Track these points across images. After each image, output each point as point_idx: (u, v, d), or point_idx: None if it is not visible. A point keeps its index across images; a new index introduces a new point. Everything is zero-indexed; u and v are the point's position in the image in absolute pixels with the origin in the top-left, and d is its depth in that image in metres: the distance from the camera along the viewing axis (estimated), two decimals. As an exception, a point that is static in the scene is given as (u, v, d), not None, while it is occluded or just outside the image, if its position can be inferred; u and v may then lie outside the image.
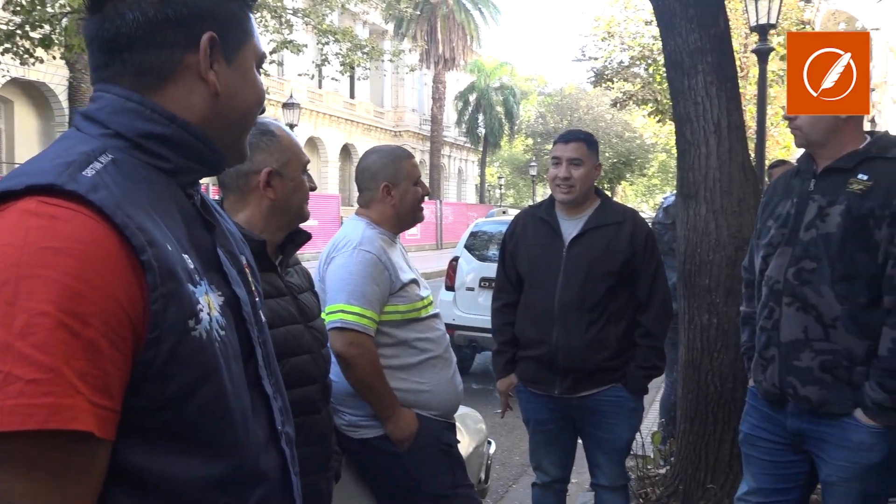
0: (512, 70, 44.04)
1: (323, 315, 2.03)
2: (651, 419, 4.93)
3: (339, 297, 2.13)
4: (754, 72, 12.19)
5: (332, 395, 2.16)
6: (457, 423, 2.88)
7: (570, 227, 2.68)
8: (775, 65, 16.21)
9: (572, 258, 2.63)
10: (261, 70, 1.02)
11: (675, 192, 4.56)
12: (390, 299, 2.19)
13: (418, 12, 32.80)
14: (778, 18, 9.00)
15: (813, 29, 16.12)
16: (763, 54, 8.57)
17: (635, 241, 2.64)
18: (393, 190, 2.28)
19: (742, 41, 14.78)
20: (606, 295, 2.58)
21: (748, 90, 14.74)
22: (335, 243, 2.27)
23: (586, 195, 2.69)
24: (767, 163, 7.27)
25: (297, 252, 1.88)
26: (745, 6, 9.35)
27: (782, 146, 18.11)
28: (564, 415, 2.74)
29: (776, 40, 14.95)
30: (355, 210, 2.39)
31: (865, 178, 1.96)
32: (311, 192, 1.78)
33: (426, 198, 2.41)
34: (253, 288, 1.04)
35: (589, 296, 2.58)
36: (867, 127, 12.04)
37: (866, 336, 1.97)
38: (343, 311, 2.11)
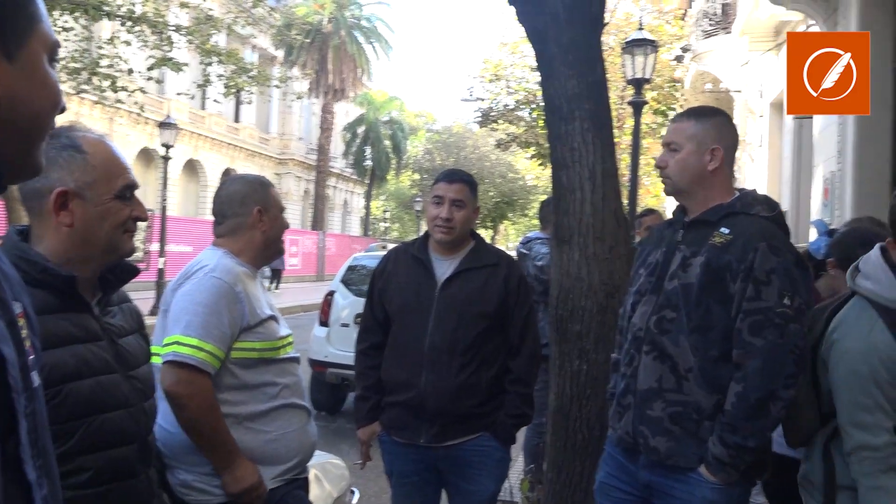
0: (402, 105, 44.49)
1: (156, 350, 1.81)
2: (520, 464, 4.88)
3: (177, 327, 1.92)
4: (630, 122, 12.80)
5: (168, 450, 1.92)
6: (317, 473, 2.68)
7: (443, 268, 2.60)
8: (649, 118, 17.17)
9: (445, 299, 2.54)
10: (55, 62, 0.83)
11: (524, 241, 4.60)
12: (244, 335, 1.99)
13: (309, 40, 32.53)
14: (652, 74, 9.50)
15: (683, 87, 17.22)
16: (638, 106, 9.01)
17: (509, 284, 2.59)
18: (265, 215, 2.13)
19: (619, 93, 15.54)
20: (478, 338, 2.51)
21: (623, 140, 15.46)
22: (188, 270, 2.06)
23: (463, 237, 2.63)
24: (639, 210, 7.56)
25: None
26: (623, 60, 9.82)
27: (653, 195, 19.13)
28: (428, 466, 2.60)
29: (650, 95, 15.85)
30: (213, 241, 2.19)
31: (727, 231, 2.00)
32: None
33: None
34: (28, 344, 0.83)
35: (461, 338, 2.50)
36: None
37: (715, 390, 1.96)
38: (178, 343, 1.90)
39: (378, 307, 2.69)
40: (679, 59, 16.84)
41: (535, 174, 31.11)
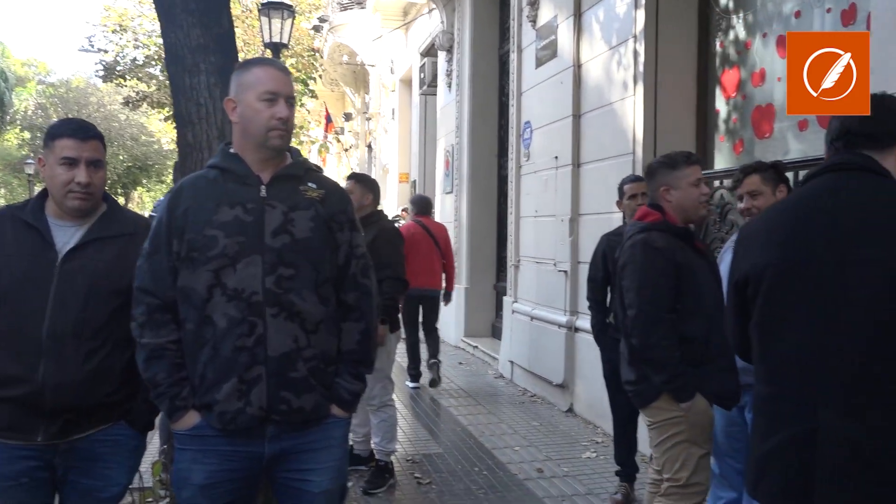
0: (4, 50, 37.94)
1: None
2: (154, 446, 4.54)
3: None
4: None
5: None
6: None
7: (65, 236, 2.16)
8: (288, 85, 17.12)
9: (68, 274, 2.12)
10: None
11: (158, 204, 4.30)
12: None
13: None
14: (289, 40, 9.45)
15: (322, 57, 17.53)
16: (276, 71, 8.90)
17: None
18: None
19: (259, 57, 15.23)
20: (112, 318, 2.14)
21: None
22: None
23: (98, 201, 2.24)
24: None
25: None
26: (260, 23, 9.60)
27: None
28: (44, 464, 2.17)
29: (290, 62, 15.82)
30: None
31: (315, 186, 2.09)
32: None
33: None
34: None
35: (90, 320, 2.12)
36: (364, 154, 13.42)
37: (335, 335, 2.08)
38: None
39: None
40: (317, 28, 17.08)
41: (171, 137, 29.11)
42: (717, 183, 4.44)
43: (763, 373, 1.79)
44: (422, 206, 7.31)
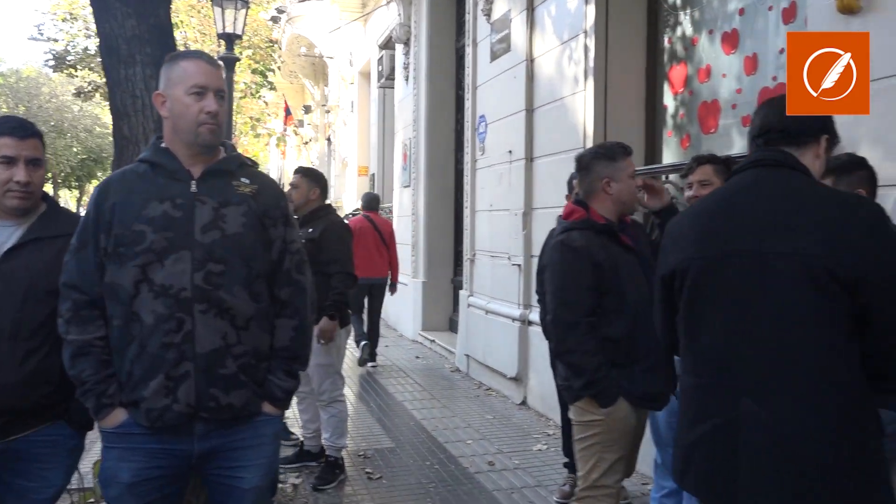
0: (-49, 38, 36.67)
1: None
2: (99, 445, 4.45)
3: None
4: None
5: None
6: None
7: (3, 236, 2.14)
8: (248, 77, 16.89)
9: (6, 274, 2.09)
10: None
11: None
12: None
13: None
14: (243, 30, 9.30)
15: (280, 48, 17.32)
16: (229, 63, 8.75)
17: None
18: None
19: (216, 49, 14.97)
20: (50, 319, 2.10)
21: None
22: None
23: (37, 200, 2.21)
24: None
25: None
26: (214, 13, 9.42)
27: (252, 154, 19.02)
28: None
29: (246, 53, 15.58)
30: None
31: (248, 181, 2.07)
32: None
33: None
34: None
35: (27, 320, 2.09)
36: (324, 147, 13.26)
37: (268, 332, 2.06)
38: None
39: None
40: (275, 19, 16.87)
41: (126, 129, 28.41)
42: (664, 177, 4.50)
43: (689, 364, 1.82)
44: (368, 202, 7.93)
